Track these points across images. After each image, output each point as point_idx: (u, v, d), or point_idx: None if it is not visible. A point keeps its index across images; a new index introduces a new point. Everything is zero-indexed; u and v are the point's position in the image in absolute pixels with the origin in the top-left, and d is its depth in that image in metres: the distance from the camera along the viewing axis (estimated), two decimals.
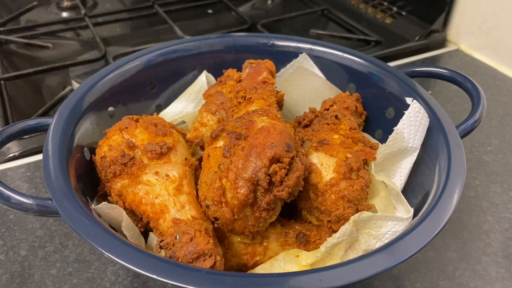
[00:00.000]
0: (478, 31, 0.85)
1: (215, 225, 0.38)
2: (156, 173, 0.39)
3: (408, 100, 0.45)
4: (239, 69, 0.51)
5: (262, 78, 0.47)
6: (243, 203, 0.35)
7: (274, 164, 0.35)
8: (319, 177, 0.40)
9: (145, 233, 0.42)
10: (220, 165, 0.36)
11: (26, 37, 0.91)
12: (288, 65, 0.55)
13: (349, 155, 0.41)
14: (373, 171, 0.43)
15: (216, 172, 0.37)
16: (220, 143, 0.39)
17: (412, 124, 0.43)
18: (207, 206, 0.37)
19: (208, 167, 0.38)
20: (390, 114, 0.49)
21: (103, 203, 0.37)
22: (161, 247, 0.36)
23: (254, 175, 0.35)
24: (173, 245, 0.35)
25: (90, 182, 0.42)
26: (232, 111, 0.45)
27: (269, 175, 0.35)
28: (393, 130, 0.44)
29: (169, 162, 0.40)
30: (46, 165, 0.37)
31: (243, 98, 0.45)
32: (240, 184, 0.35)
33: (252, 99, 0.43)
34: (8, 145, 0.61)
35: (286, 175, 0.36)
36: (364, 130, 0.52)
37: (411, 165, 0.44)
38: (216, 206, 0.36)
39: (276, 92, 0.47)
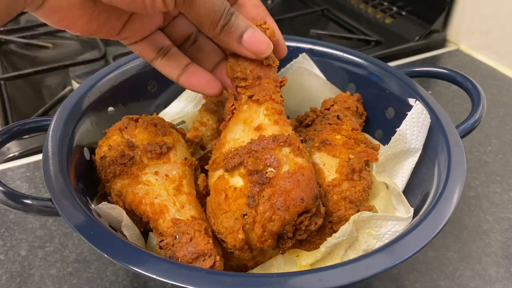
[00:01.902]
0: (478, 31, 0.85)
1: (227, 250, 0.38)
2: (156, 173, 0.39)
3: (411, 101, 0.45)
4: None
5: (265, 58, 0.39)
6: (266, 250, 0.35)
7: (302, 216, 0.35)
8: (322, 177, 0.40)
9: (145, 233, 0.42)
10: (244, 215, 0.34)
11: (26, 37, 0.91)
12: (288, 65, 0.55)
13: (351, 156, 0.41)
14: (374, 172, 0.43)
15: (237, 219, 0.35)
16: (239, 181, 0.35)
17: (415, 125, 0.43)
18: (223, 240, 0.36)
19: (226, 210, 0.35)
20: (390, 114, 0.49)
21: (103, 203, 0.37)
22: (160, 247, 0.36)
23: (281, 229, 0.34)
24: (173, 245, 0.35)
25: (90, 182, 0.42)
26: (232, 107, 0.40)
27: (294, 225, 0.35)
28: (395, 131, 0.44)
29: (169, 162, 0.40)
30: (46, 165, 0.37)
31: (250, 98, 0.39)
32: (266, 237, 0.34)
33: (260, 101, 0.39)
34: (8, 145, 0.61)
35: (309, 218, 0.36)
36: (364, 130, 0.52)
37: (413, 166, 0.44)
38: (237, 249, 0.36)
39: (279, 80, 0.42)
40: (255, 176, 0.34)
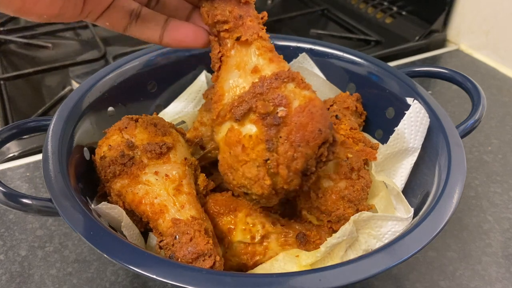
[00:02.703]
0: (478, 31, 0.85)
1: (246, 197, 0.36)
2: (156, 173, 0.39)
3: (409, 100, 0.45)
4: None
5: (255, 14, 0.38)
6: (292, 190, 0.35)
7: (322, 148, 0.34)
8: None
9: (145, 233, 0.42)
10: (267, 160, 0.33)
11: (26, 37, 0.91)
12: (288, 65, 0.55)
13: (349, 155, 0.41)
14: (373, 171, 0.43)
15: (260, 166, 0.34)
16: (252, 128, 0.34)
17: (413, 124, 0.43)
18: (246, 193, 0.36)
19: (246, 160, 0.34)
20: (390, 114, 0.49)
21: (103, 203, 0.37)
22: (160, 247, 0.36)
23: (305, 165, 0.33)
24: (173, 245, 0.35)
25: (90, 182, 0.42)
26: (219, 54, 0.37)
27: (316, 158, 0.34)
28: (394, 130, 0.44)
29: (169, 162, 0.40)
30: (46, 165, 0.37)
31: (237, 39, 0.37)
32: (292, 177, 0.34)
33: (249, 41, 0.36)
34: (8, 145, 0.61)
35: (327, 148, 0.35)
36: (364, 130, 0.52)
37: (412, 165, 0.44)
38: (264, 198, 0.35)
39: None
40: (268, 118, 0.33)
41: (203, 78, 0.55)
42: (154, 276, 0.29)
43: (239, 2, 0.37)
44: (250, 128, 0.34)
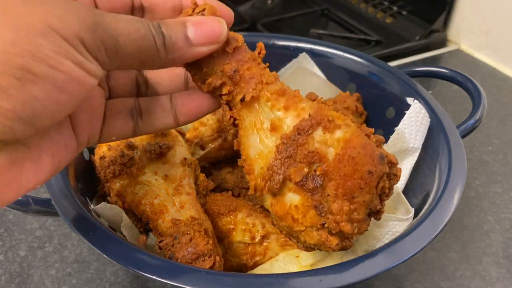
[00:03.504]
0: (478, 31, 0.85)
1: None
2: (155, 173, 0.39)
3: (409, 100, 0.45)
4: None
5: (227, 44, 0.31)
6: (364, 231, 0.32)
7: (380, 184, 0.30)
8: None
9: (144, 233, 0.42)
10: (323, 224, 0.30)
11: None
12: (288, 65, 0.54)
13: None
14: None
15: (319, 229, 0.31)
16: (294, 198, 0.31)
17: (413, 124, 0.43)
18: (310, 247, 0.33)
19: (302, 228, 0.31)
20: (390, 114, 0.49)
21: (102, 203, 0.37)
22: (160, 248, 0.35)
23: (368, 210, 0.31)
24: (173, 245, 0.35)
25: (89, 182, 0.42)
26: (230, 120, 0.33)
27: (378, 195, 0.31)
28: (394, 130, 0.44)
29: (168, 162, 0.40)
30: None
31: (242, 101, 0.32)
32: (357, 225, 0.30)
33: (255, 96, 0.31)
34: None
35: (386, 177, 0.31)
36: None
37: (412, 165, 0.44)
38: (340, 250, 0.32)
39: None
40: (307, 182, 0.30)
41: None
42: (154, 277, 0.29)
43: (227, 54, 0.31)
44: (293, 198, 0.31)
